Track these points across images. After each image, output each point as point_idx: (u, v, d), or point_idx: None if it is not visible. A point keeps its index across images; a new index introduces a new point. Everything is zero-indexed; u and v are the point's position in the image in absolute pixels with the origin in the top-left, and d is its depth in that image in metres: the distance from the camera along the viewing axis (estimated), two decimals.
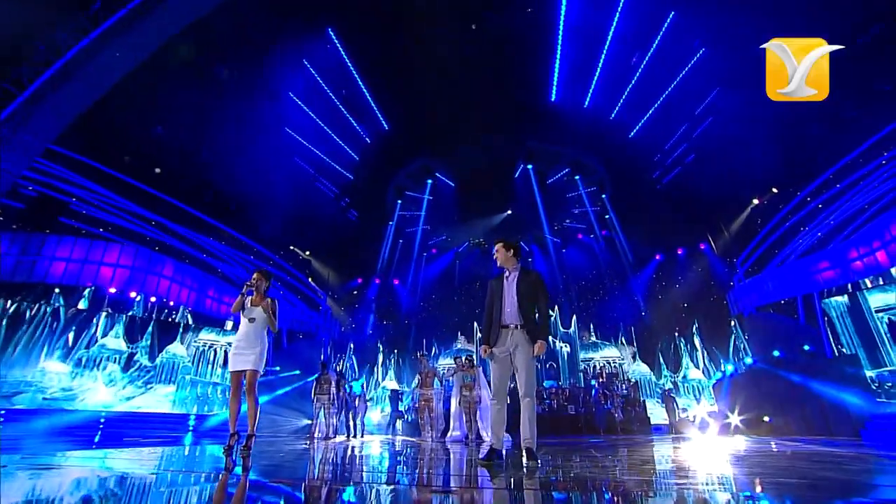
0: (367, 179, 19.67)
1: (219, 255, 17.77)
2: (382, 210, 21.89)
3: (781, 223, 15.74)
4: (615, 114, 16.15)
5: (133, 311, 15.31)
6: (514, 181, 20.38)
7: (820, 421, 12.50)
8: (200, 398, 15.04)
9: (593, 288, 23.71)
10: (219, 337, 16.63)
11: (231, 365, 4.44)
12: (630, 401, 17.15)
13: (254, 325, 4.51)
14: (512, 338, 4.04)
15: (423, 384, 10.22)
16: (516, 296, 4.13)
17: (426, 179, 20.83)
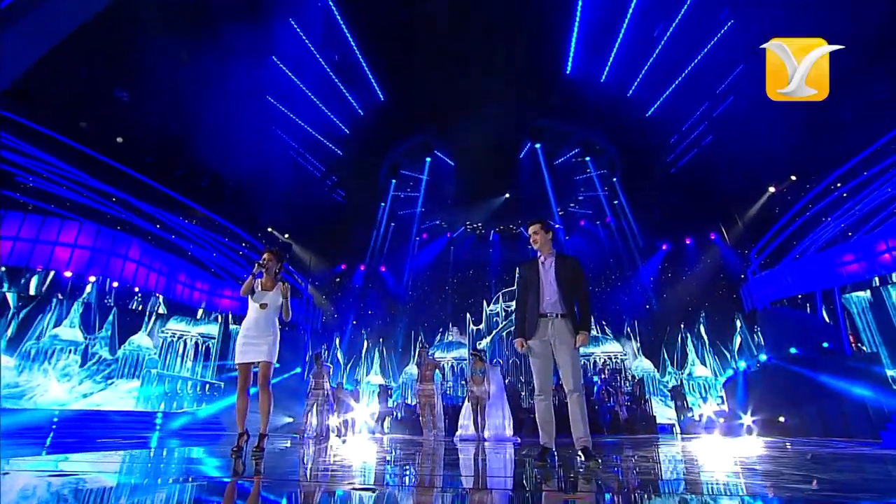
0: (358, 156, 18.97)
1: (189, 237, 16.93)
2: (374, 190, 21.29)
3: (801, 213, 15.43)
4: (633, 90, 15.58)
5: (89, 297, 14.29)
6: (518, 162, 19.84)
7: (838, 422, 12.39)
8: (168, 395, 14.31)
9: (596, 279, 23.27)
10: (189, 327, 15.83)
11: (239, 356, 4.25)
12: (635, 399, 16.90)
13: (265, 311, 4.33)
14: (553, 328, 3.89)
15: (423, 378, 10.00)
16: (556, 283, 3.98)
17: (424, 157, 20.19)
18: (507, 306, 23.01)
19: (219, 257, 17.63)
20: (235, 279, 17.92)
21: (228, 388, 14.85)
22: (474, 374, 9.69)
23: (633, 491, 2.76)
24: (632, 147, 17.91)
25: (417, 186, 21.55)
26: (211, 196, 17.23)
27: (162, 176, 15.74)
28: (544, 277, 4.04)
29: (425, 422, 9.98)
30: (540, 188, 19.95)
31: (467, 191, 20.71)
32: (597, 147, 18.93)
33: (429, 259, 23.71)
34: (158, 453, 5.11)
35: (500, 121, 17.35)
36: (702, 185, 16.96)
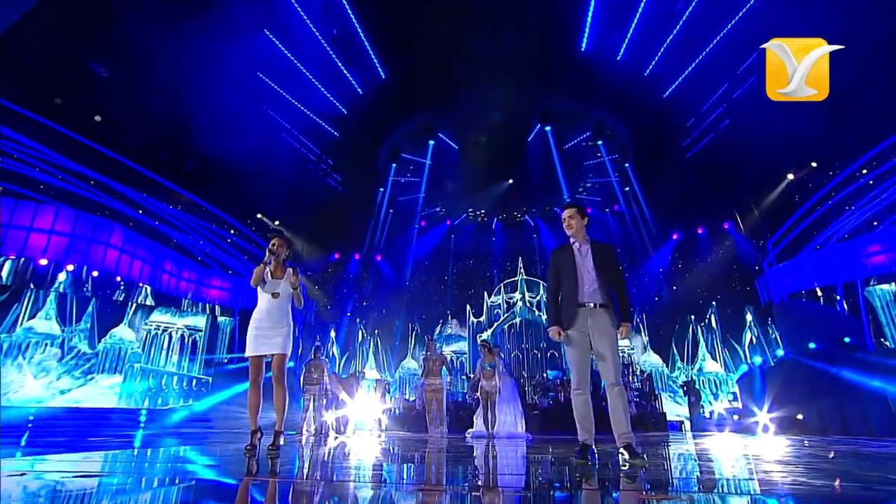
0: (356, 138, 18.29)
1: (175, 224, 16.45)
2: (372, 175, 20.74)
3: (823, 201, 15.07)
4: (650, 69, 15.06)
5: (66, 287, 13.76)
6: (527, 145, 19.28)
7: (859, 419, 12.20)
8: (153, 391, 14.01)
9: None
10: (174, 319, 15.37)
11: (251, 348, 4.23)
12: (644, 394, 16.70)
13: (278, 301, 4.30)
14: (592, 319, 3.87)
15: (429, 372, 10.01)
16: (594, 271, 3.96)
17: (427, 140, 19.52)
18: (508, 298, 22.80)
19: (206, 245, 17.20)
20: (224, 268, 17.50)
21: (217, 384, 14.64)
22: (484, 367, 9.64)
23: (708, 489, 2.70)
24: (646, 130, 17.44)
25: (418, 171, 21.02)
26: (197, 180, 16.69)
27: (144, 158, 15.18)
28: (581, 265, 3.99)
29: (431, 418, 9.97)
30: (549, 173, 19.46)
31: (471, 176, 20.15)
32: (609, 130, 18.42)
33: (427, 248, 23.29)
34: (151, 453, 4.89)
35: (509, 102, 16.81)
36: (717, 171, 16.57)
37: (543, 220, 23.30)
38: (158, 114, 14.69)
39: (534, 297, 22.40)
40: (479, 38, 14.36)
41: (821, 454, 5.40)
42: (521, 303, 22.30)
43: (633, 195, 20.00)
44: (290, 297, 4.42)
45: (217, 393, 14.23)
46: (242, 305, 17.02)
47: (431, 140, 19.44)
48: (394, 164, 20.68)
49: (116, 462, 3.83)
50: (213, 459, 4.31)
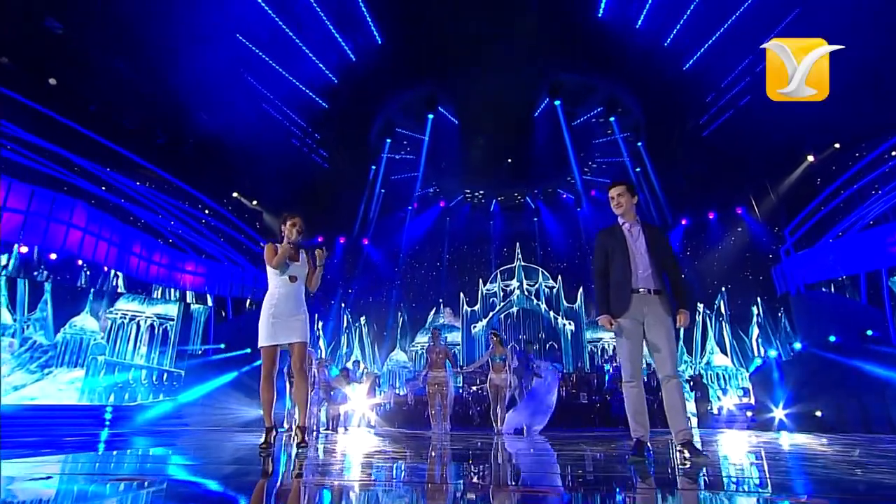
0: (347, 110, 17.60)
1: (143, 202, 15.62)
2: (363, 151, 20.11)
3: (847, 185, 14.79)
4: (671, 38, 14.51)
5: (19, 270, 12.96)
6: (533, 121, 18.72)
7: (881, 417, 12.08)
8: (119, 386, 13.37)
9: None
10: (143, 307, 14.69)
11: (267, 336, 4.17)
12: (651, 389, 16.53)
13: (295, 285, 4.29)
14: (648, 306, 3.83)
15: (434, 365, 10.01)
16: (648, 254, 3.92)
17: (426, 113, 18.90)
18: (505, 285, 22.65)
19: (178, 226, 16.45)
20: (197, 251, 16.89)
21: (190, 378, 14.10)
22: (494, 360, 9.69)
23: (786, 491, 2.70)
24: (662, 106, 16.97)
25: (414, 148, 20.45)
26: (167, 154, 15.97)
27: (108, 128, 14.30)
28: (633, 247, 3.93)
29: (434, 414, 9.93)
30: (554, 152, 19.02)
31: (472, 154, 19.70)
32: (622, 106, 17.98)
33: (420, 231, 22.87)
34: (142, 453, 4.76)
35: (517, 72, 16.26)
36: (732, 152, 16.24)
37: (545, 202, 23.02)
38: (123, 79, 13.87)
39: (532, 285, 22.24)
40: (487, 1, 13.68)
41: (878, 453, 5.32)
42: (519, 291, 22.19)
43: (645, 177, 19.59)
44: (305, 280, 4.37)
45: (191, 388, 13.72)
46: (219, 292, 16.55)
47: (431, 114, 18.85)
48: (388, 140, 20.09)
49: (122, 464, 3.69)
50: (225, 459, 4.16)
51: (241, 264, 17.45)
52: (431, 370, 10.09)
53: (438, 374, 9.97)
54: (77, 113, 13.60)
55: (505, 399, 9.67)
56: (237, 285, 17.07)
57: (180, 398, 13.44)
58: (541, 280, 22.30)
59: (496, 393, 9.63)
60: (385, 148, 20.33)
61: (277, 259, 4.28)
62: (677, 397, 3.77)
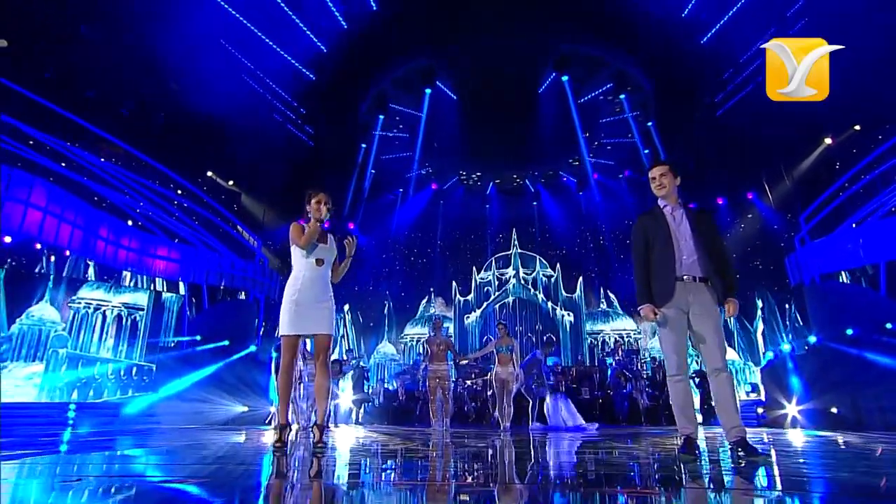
0: (337, 83, 17.20)
1: (108, 180, 14.86)
2: (352, 128, 19.69)
3: (868, 169, 14.56)
4: (689, 8, 14.09)
5: None
6: (537, 97, 18.41)
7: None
8: (83, 382, 12.82)
9: (607, 244, 22.68)
10: (109, 295, 14.11)
11: (289, 324, 4.07)
12: (656, 384, 16.47)
13: (322, 270, 4.20)
14: (693, 294, 3.80)
15: (434, 357, 9.96)
16: (693, 239, 3.88)
17: (424, 87, 18.55)
18: (500, 274, 22.50)
19: (148, 207, 15.77)
20: (169, 235, 16.21)
21: (162, 373, 13.53)
22: (500, 351, 9.66)
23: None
24: (675, 83, 16.68)
25: (408, 125, 20.09)
26: (135, 127, 15.30)
27: (68, 97, 13.53)
28: (677, 232, 3.89)
29: (435, 410, 9.97)
30: (558, 132, 18.77)
31: (470, 132, 19.23)
32: (632, 82, 17.63)
33: (410, 216, 22.58)
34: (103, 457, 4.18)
35: (521, 44, 15.92)
36: (747, 132, 15.93)
37: (546, 186, 22.77)
38: (84, 42, 13.27)
39: (529, 274, 22.11)
40: None
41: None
42: (515, 280, 22.06)
43: (657, 159, 18.97)
44: (331, 265, 4.26)
45: (163, 383, 13.20)
46: (194, 279, 15.96)
47: (428, 88, 18.47)
48: (381, 116, 19.71)
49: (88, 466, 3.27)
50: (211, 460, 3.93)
51: (217, 249, 16.87)
52: (433, 363, 10.00)
53: (440, 367, 9.92)
54: (32, 79, 12.76)
55: (511, 394, 9.63)
56: (214, 272, 16.48)
57: (151, 395, 12.92)
58: (538, 268, 22.15)
59: (502, 387, 9.58)
60: (378, 125, 19.91)
61: (306, 238, 4.11)
62: (728, 392, 3.68)
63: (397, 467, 3.61)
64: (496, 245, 23.04)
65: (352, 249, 4.36)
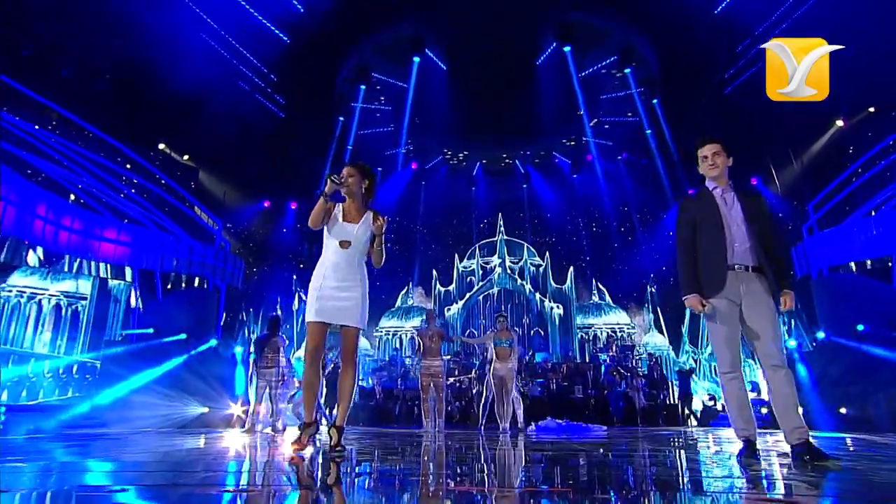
0: (314, 47, 16.61)
1: (45, 151, 14.20)
2: (329, 99, 19.25)
3: (883, 155, 14.59)
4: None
5: None
6: (535, 69, 18.08)
7: None
8: (15, 381, 12.42)
9: (601, 232, 22.63)
10: (46, 282, 13.55)
11: (314, 312, 3.93)
12: (654, 383, 16.57)
13: (348, 253, 4.01)
14: (746, 284, 3.72)
15: (428, 351, 9.86)
16: (746, 224, 3.81)
17: (412, 55, 18.12)
18: (484, 262, 22.30)
19: (92, 182, 15.02)
20: (118, 215, 15.48)
21: (108, 371, 12.98)
22: (499, 345, 9.60)
23: None
24: (684, 57, 16.43)
25: (392, 97, 19.67)
26: (77, 90, 14.76)
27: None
28: (728, 217, 3.85)
29: (427, 409, 9.97)
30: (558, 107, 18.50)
31: (459, 106, 18.80)
32: (640, 55, 17.48)
33: (388, 198, 21.94)
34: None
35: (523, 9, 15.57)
36: (755, 112, 15.79)
37: (537, 167, 22.53)
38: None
39: (516, 263, 22.05)
40: None
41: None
42: (501, 269, 21.82)
43: (660, 140, 19.26)
44: (365, 249, 4.11)
45: (110, 383, 12.51)
46: (147, 265, 15.35)
47: (417, 56, 18.05)
48: (362, 87, 19.20)
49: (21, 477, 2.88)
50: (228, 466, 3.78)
51: (173, 232, 16.27)
52: (425, 358, 9.91)
53: (433, 362, 9.83)
54: None
55: (510, 392, 9.63)
56: (169, 257, 15.86)
57: (96, 396, 12.31)
58: (526, 257, 22.01)
59: (500, 384, 9.54)
60: (359, 96, 19.38)
61: (312, 216, 4.01)
62: (788, 390, 3.59)
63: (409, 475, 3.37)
64: (481, 231, 22.85)
65: (380, 229, 4.09)
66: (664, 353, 20.20)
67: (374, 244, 4.14)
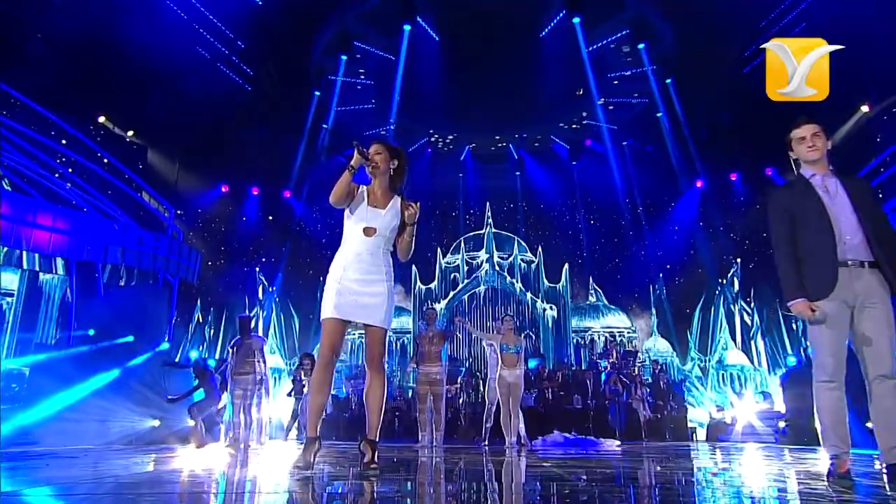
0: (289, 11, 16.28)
1: None
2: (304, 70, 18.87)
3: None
4: None
5: None
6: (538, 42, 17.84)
7: None
8: None
9: (600, 225, 22.60)
10: None
11: (334, 308, 3.78)
12: (660, 392, 16.69)
13: (372, 241, 3.90)
14: (860, 283, 3.55)
15: (426, 357, 9.89)
16: (855, 214, 3.65)
17: (402, 23, 17.78)
18: (470, 258, 22.08)
19: (20, 159, 14.50)
20: (53, 198, 14.95)
21: (39, 380, 12.58)
22: (506, 351, 9.42)
23: None
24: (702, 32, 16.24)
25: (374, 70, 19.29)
26: (1, 52, 14.13)
27: None
28: (833, 206, 3.71)
29: (424, 420, 9.92)
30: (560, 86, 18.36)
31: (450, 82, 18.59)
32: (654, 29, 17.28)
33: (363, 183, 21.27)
34: None
35: None
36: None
37: (532, 152, 22.33)
38: None
39: (505, 258, 22.08)
40: None
41: None
42: (488, 265, 21.71)
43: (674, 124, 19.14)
44: (392, 238, 4.02)
45: (41, 394, 12.08)
46: (87, 256, 14.85)
47: (408, 24, 17.73)
48: (343, 57, 18.81)
49: None
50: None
51: (117, 218, 15.86)
52: (423, 364, 9.95)
53: (431, 368, 9.80)
54: None
55: (519, 402, 9.47)
56: (114, 247, 15.36)
57: (25, 409, 11.81)
58: (516, 252, 21.95)
59: (508, 393, 9.29)
60: (340, 68, 19.05)
61: (334, 192, 3.89)
62: (893, 404, 3.47)
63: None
64: (467, 222, 22.76)
65: (412, 217, 4.02)
66: (668, 360, 20.23)
67: (401, 234, 4.06)
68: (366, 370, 4.08)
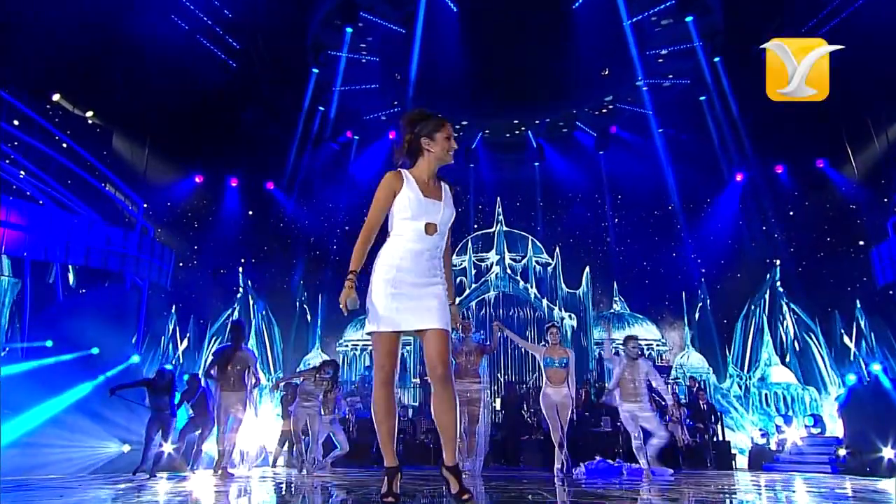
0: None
1: None
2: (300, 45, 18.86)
3: None
4: None
5: None
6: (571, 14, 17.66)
7: None
8: None
9: (626, 224, 22.35)
10: None
11: (384, 318, 3.64)
12: (700, 414, 16.36)
13: (433, 240, 3.80)
14: None
15: (461, 372, 9.48)
16: None
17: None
18: (479, 259, 21.91)
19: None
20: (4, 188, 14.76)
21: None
22: (550, 365, 9.31)
23: None
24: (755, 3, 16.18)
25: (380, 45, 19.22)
26: None
27: None
28: None
29: (462, 445, 9.48)
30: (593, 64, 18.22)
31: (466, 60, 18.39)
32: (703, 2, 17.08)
33: (363, 175, 21.58)
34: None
35: None
36: (835, 74, 15.52)
37: (552, 140, 22.09)
38: None
39: (518, 260, 21.77)
40: None
41: None
42: (499, 268, 21.46)
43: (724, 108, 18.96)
44: (448, 235, 3.96)
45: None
46: (45, 255, 14.94)
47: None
48: (348, 29, 18.71)
49: None
50: None
51: (79, 212, 15.83)
52: (458, 380, 9.68)
53: (470, 385, 9.40)
54: None
55: (566, 424, 9.36)
56: (77, 244, 15.35)
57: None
58: (531, 253, 21.68)
59: (556, 414, 9.21)
60: (344, 43, 18.96)
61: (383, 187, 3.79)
62: None
63: None
64: (477, 219, 22.69)
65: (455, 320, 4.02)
66: (705, 377, 20.09)
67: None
68: (430, 384, 3.83)
